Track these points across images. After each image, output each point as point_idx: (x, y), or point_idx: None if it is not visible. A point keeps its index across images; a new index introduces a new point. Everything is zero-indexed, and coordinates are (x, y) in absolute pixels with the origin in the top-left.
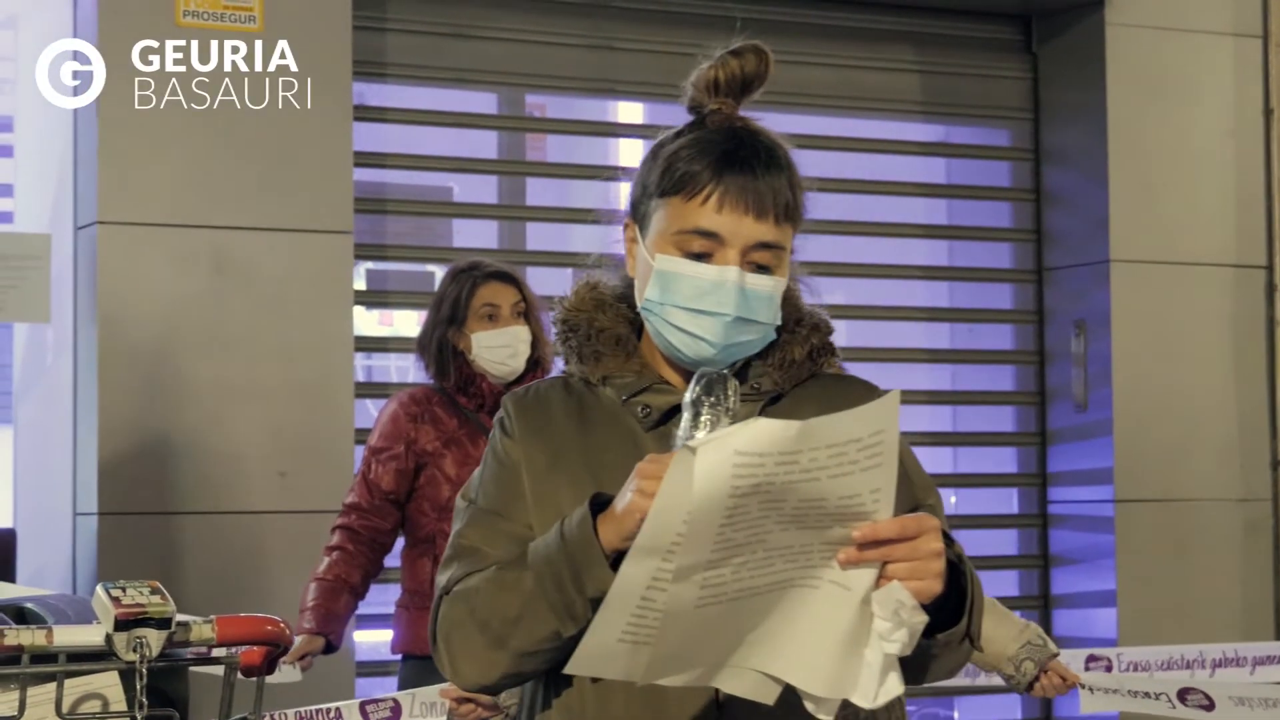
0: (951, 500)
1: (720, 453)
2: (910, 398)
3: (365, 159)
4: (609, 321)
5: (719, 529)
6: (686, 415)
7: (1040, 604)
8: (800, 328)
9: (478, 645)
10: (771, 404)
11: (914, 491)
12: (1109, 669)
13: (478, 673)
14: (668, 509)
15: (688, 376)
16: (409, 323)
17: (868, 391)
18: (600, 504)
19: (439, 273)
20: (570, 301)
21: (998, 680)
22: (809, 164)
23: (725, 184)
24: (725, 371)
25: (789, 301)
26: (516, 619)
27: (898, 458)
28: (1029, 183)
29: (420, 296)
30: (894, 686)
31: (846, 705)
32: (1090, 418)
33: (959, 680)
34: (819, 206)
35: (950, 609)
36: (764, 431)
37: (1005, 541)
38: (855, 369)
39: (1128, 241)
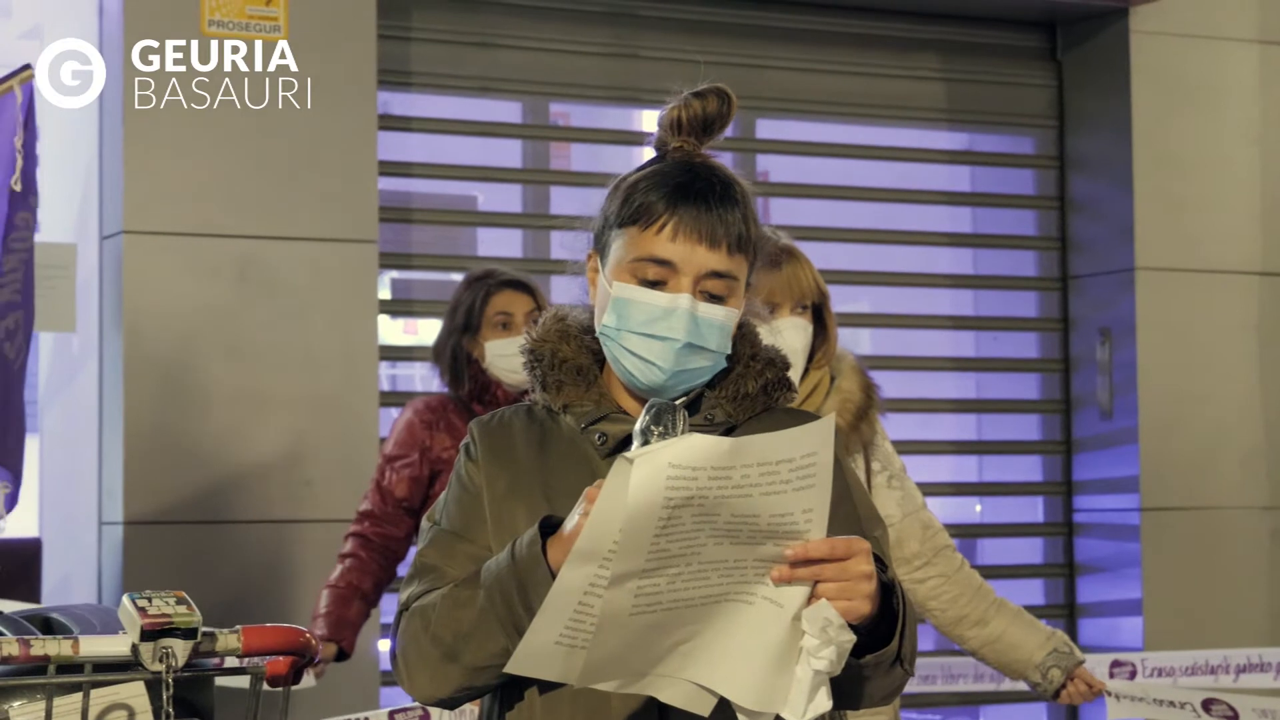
0: (976, 509)
1: (655, 464)
2: (935, 406)
3: (390, 168)
4: (572, 352)
5: (653, 538)
6: (637, 443)
7: (1066, 612)
8: (755, 362)
9: (432, 659)
10: (725, 435)
11: (860, 523)
12: (1133, 675)
13: (432, 686)
14: (605, 517)
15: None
16: (433, 332)
17: None
18: (551, 526)
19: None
20: (537, 332)
21: (1022, 687)
22: (834, 172)
23: (680, 214)
24: (676, 402)
25: (746, 337)
26: (468, 634)
27: (832, 481)
28: (1054, 190)
29: (444, 305)
30: (822, 703)
31: None
32: (1115, 426)
33: (984, 685)
34: (844, 215)
35: (883, 632)
36: (698, 446)
37: (1030, 550)
38: (880, 377)
39: (1153, 249)
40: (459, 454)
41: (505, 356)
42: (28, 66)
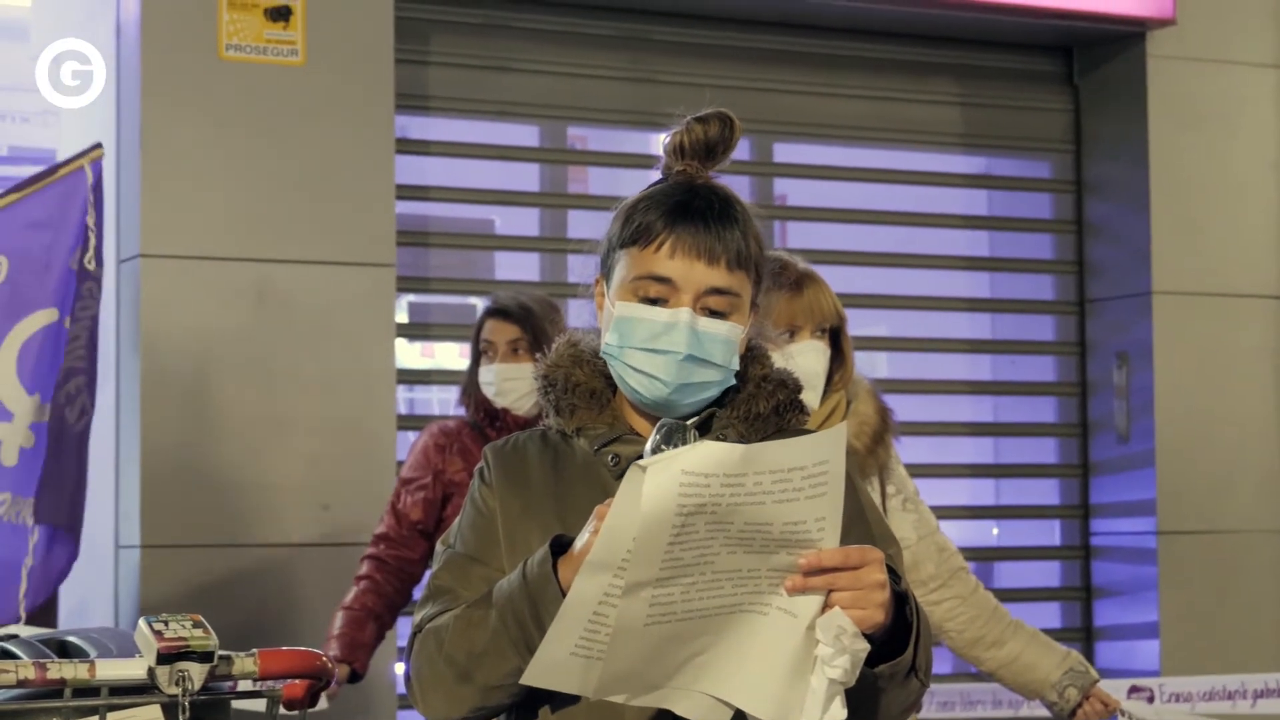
0: (994, 532)
1: (668, 472)
2: (952, 429)
3: (407, 192)
4: (585, 376)
5: (667, 547)
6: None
7: (1083, 636)
8: (767, 383)
9: (446, 680)
10: None
11: (874, 543)
12: (1151, 700)
13: (446, 707)
14: (618, 526)
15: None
16: (451, 355)
17: None
18: (562, 545)
19: (481, 305)
20: (551, 358)
21: (1034, 709)
22: (851, 196)
23: (678, 232)
24: (686, 422)
25: (757, 359)
26: (481, 654)
27: (845, 499)
28: (1071, 214)
29: (462, 329)
30: (837, 713)
31: None
32: (1133, 449)
33: (1002, 712)
34: (861, 238)
35: (897, 644)
36: (710, 453)
37: (1048, 573)
38: (896, 400)
39: (1170, 273)
40: (474, 478)
41: (486, 384)
42: (98, 145)
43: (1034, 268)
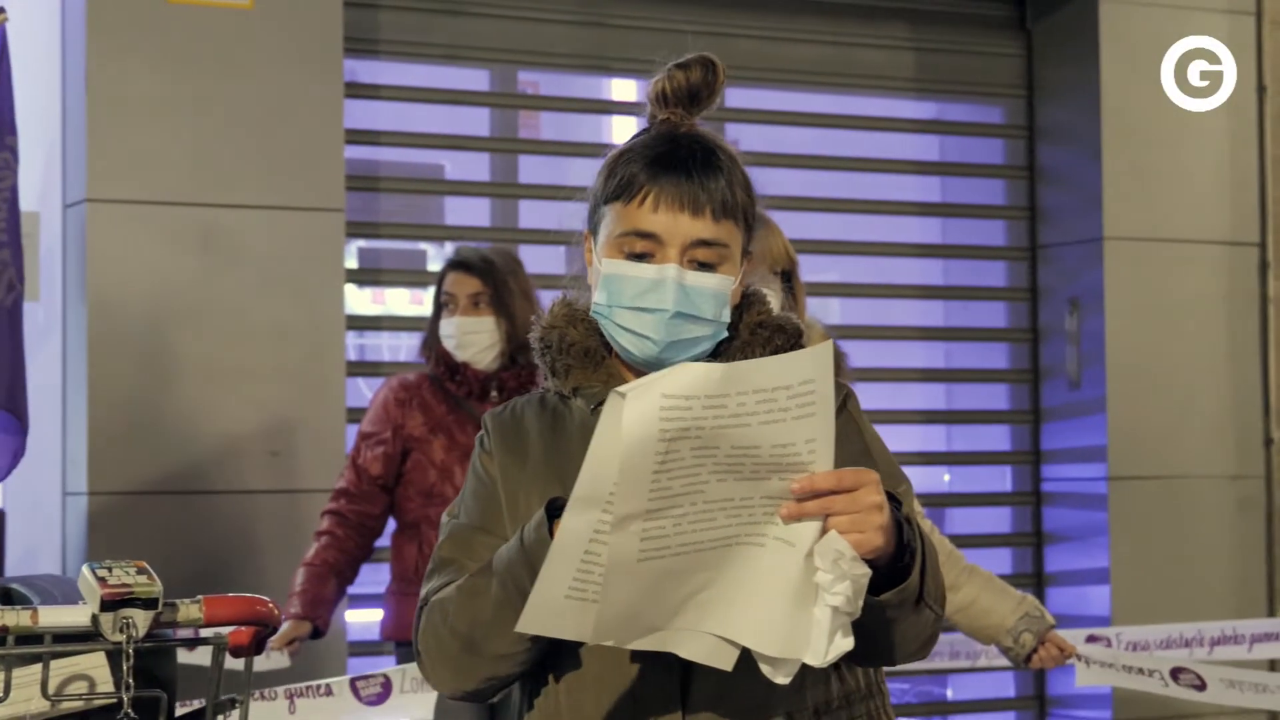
0: (945, 478)
1: (647, 397)
2: (904, 375)
3: (357, 136)
4: (579, 335)
5: (653, 475)
6: None
7: (1034, 581)
8: (762, 329)
9: (453, 651)
10: None
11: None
12: (1108, 648)
13: (455, 678)
14: (602, 456)
15: None
16: (401, 301)
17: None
18: (558, 509)
19: (431, 251)
20: (546, 319)
21: (991, 659)
22: (802, 141)
23: (660, 184)
24: None
25: (753, 305)
26: (485, 623)
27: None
28: (1023, 160)
29: (412, 275)
30: (844, 644)
31: (824, 689)
32: (1083, 395)
33: (959, 662)
34: (813, 184)
35: (902, 571)
36: (689, 374)
37: (999, 519)
38: (849, 346)
39: (1121, 219)
40: (475, 447)
41: (447, 337)
42: (1, 9)
43: (986, 213)
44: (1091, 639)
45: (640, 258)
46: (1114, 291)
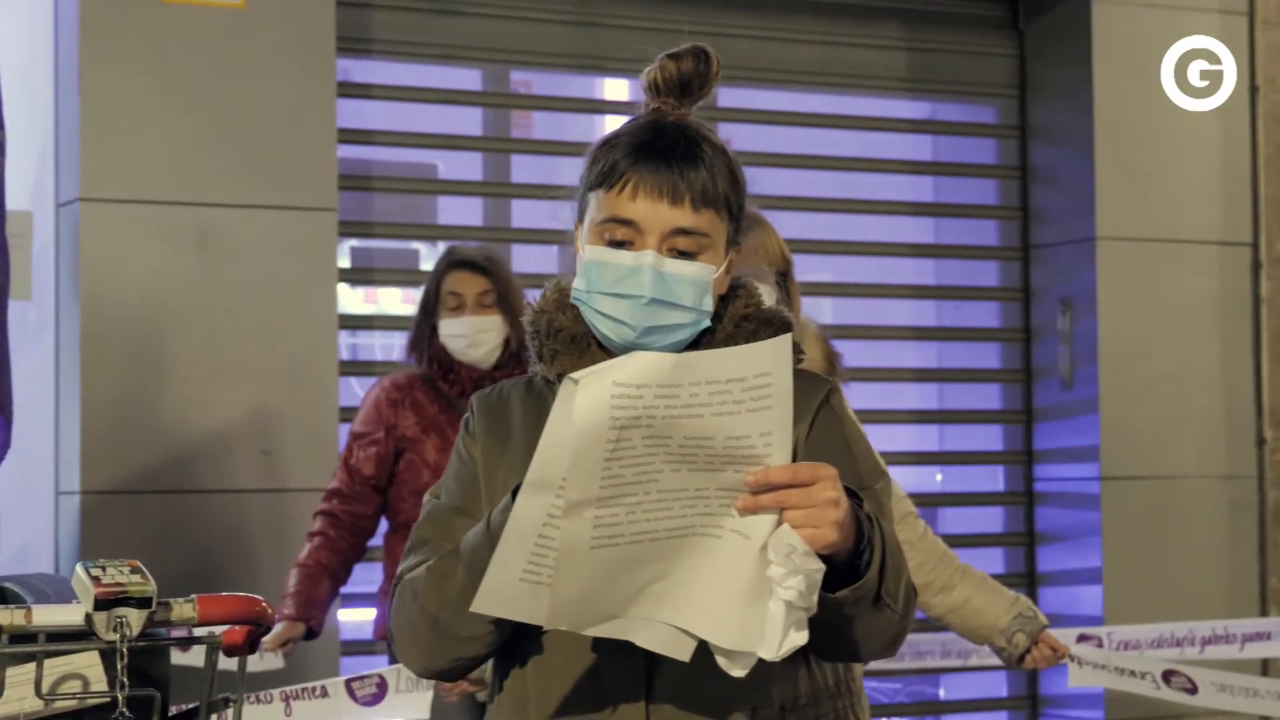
0: (937, 478)
1: (600, 384)
2: (896, 375)
3: (349, 135)
4: (568, 321)
5: (604, 463)
6: None
7: (1026, 581)
8: (748, 322)
9: (422, 631)
10: None
11: (860, 478)
12: (1099, 648)
13: (424, 658)
14: (554, 441)
15: None
16: (393, 300)
17: (816, 385)
18: None
19: (424, 250)
20: (538, 303)
21: (983, 659)
22: (795, 141)
23: (640, 172)
24: None
25: (741, 297)
26: (452, 604)
27: (791, 406)
28: (1015, 160)
29: (405, 274)
30: (798, 638)
31: (792, 685)
32: (1076, 395)
33: (950, 661)
34: (805, 184)
35: (863, 569)
36: (641, 363)
37: (991, 519)
38: (842, 346)
39: (1114, 219)
40: (460, 429)
41: (455, 337)
42: None
43: (978, 213)
44: (1083, 638)
45: (620, 245)
46: (1106, 292)
